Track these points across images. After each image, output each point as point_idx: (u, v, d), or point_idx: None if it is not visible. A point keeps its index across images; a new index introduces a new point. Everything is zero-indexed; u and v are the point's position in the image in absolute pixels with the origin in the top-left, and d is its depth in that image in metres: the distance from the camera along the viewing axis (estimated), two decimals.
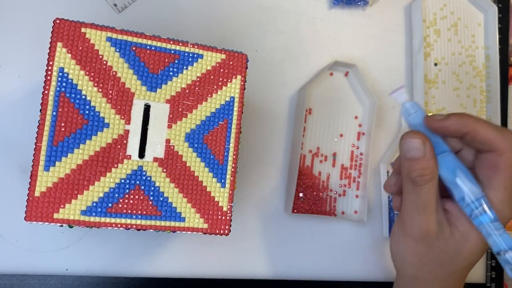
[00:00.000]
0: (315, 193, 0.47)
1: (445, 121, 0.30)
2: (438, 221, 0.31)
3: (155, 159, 0.31)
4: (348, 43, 0.50)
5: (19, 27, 0.40)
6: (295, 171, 0.45)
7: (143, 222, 0.31)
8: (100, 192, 0.30)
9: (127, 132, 0.31)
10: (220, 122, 0.33)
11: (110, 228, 0.30)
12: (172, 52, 0.32)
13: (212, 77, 0.33)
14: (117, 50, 0.31)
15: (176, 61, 0.32)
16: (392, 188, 0.36)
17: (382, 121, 0.50)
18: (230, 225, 0.33)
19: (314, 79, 0.47)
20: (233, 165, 0.33)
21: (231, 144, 0.33)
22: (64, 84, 0.30)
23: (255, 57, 0.47)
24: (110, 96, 0.31)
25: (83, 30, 0.30)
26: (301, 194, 0.46)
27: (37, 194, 0.29)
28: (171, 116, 0.32)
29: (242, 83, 0.34)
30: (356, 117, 0.49)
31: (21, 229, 0.39)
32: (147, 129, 0.31)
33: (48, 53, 0.30)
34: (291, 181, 0.45)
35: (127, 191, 0.30)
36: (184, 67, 0.32)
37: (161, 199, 0.31)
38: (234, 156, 0.33)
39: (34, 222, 0.29)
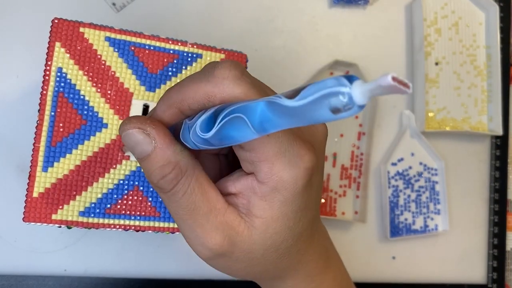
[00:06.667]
0: None
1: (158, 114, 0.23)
2: (222, 225, 0.22)
3: None
4: (349, 42, 0.49)
5: (17, 27, 0.40)
6: None
7: (142, 223, 0.30)
8: (99, 193, 0.30)
9: None
10: None
11: (108, 229, 0.30)
12: (171, 52, 0.32)
13: None
14: (116, 49, 0.31)
15: (175, 61, 0.32)
16: None
17: (382, 121, 0.50)
18: None
19: (314, 78, 0.47)
20: None
21: None
22: (62, 84, 0.29)
23: (254, 57, 0.46)
24: (109, 96, 0.30)
25: (81, 29, 0.30)
26: None
27: (35, 195, 0.29)
28: None
29: None
30: (356, 117, 0.49)
31: (20, 229, 0.39)
32: None
33: (46, 53, 0.29)
34: None
35: (126, 192, 0.30)
36: (183, 67, 0.32)
37: (160, 200, 0.31)
38: None
39: (33, 223, 0.28)
